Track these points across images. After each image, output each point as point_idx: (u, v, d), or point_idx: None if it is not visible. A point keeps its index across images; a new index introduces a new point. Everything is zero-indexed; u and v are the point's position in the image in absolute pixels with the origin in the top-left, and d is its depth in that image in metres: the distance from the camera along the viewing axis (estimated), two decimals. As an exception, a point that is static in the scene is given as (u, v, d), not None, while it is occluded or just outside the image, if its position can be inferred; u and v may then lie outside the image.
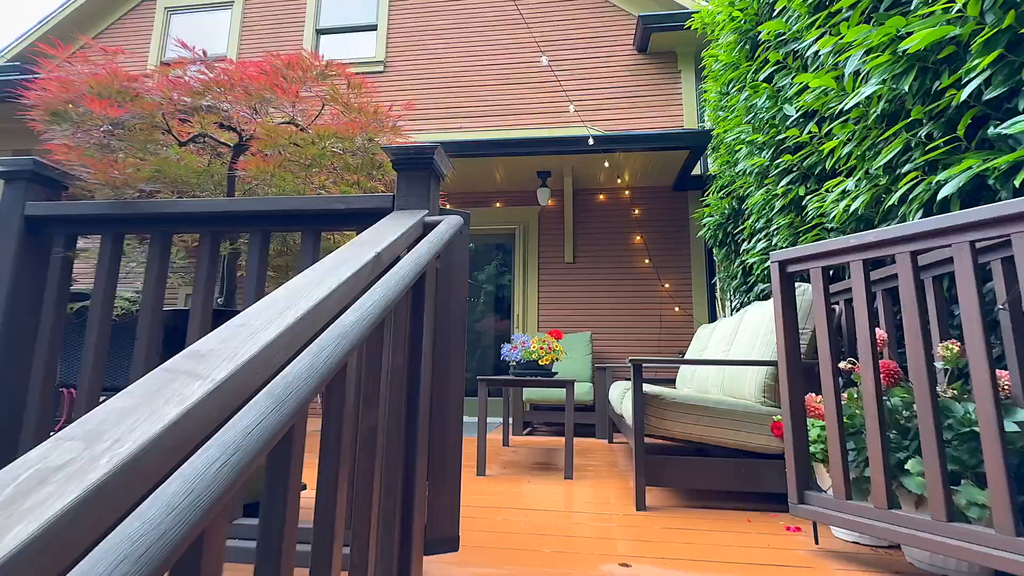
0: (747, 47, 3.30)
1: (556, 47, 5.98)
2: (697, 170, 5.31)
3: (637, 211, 5.50)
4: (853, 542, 1.69)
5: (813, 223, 2.61)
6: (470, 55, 6.15)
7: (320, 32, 6.62)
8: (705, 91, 4.39)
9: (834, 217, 2.28)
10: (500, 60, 6.06)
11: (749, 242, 3.62)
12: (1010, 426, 1.34)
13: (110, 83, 1.52)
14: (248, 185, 1.94)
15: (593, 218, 5.57)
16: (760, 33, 2.92)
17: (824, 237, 2.58)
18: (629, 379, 3.94)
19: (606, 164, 4.93)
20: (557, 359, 3.15)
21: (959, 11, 1.51)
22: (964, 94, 1.49)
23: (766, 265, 3.32)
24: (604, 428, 4.19)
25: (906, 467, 1.44)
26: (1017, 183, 1.39)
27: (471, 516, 1.93)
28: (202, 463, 0.40)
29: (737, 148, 3.49)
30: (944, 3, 1.57)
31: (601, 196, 5.60)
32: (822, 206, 2.40)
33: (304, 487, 1.93)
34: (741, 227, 3.78)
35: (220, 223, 1.34)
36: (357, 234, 1.30)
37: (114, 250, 1.38)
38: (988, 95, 1.49)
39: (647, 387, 2.27)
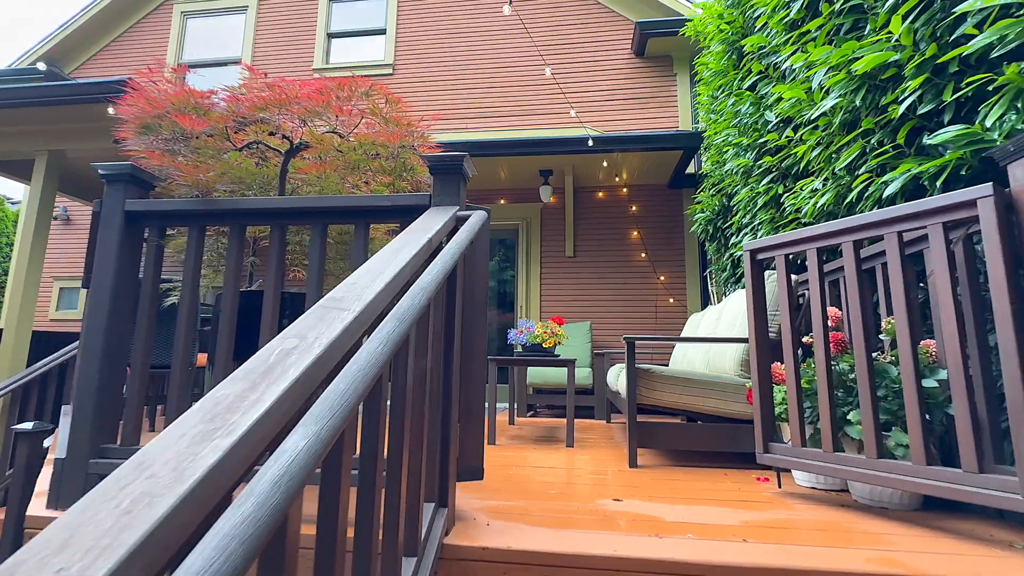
0: (734, 57, 3.60)
1: (558, 51, 6.27)
2: (692, 168, 5.61)
3: (634, 208, 5.79)
4: (810, 487, 2.00)
5: (790, 218, 2.91)
6: (475, 59, 6.43)
7: (331, 36, 6.90)
8: (698, 94, 4.68)
9: (806, 212, 2.58)
10: (504, 63, 6.34)
11: (737, 236, 3.93)
12: (931, 383, 1.64)
13: (186, 101, 1.81)
14: (292, 184, 2.25)
15: (593, 214, 5.87)
16: (744, 45, 3.21)
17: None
18: (642, 363, 4.24)
19: (604, 164, 5.22)
20: (559, 343, 3.46)
21: (897, 40, 1.81)
22: (901, 109, 1.79)
23: (751, 257, 3.61)
24: (603, 410, 4.50)
25: (848, 418, 1.75)
26: (939, 183, 1.70)
27: (466, 490, 2.23)
28: (375, 344, 0.70)
29: (725, 149, 3.79)
30: (887, 32, 1.87)
31: (600, 193, 5.90)
32: (796, 202, 2.70)
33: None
34: (730, 222, 4.08)
35: (287, 217, 1.64)
36: (400, 227, 1.61)
37: (199, 239, 1.68)
38: (922, 110, 1.79)
39: (640, 364, 2.57)
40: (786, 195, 2.91)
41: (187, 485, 0.47)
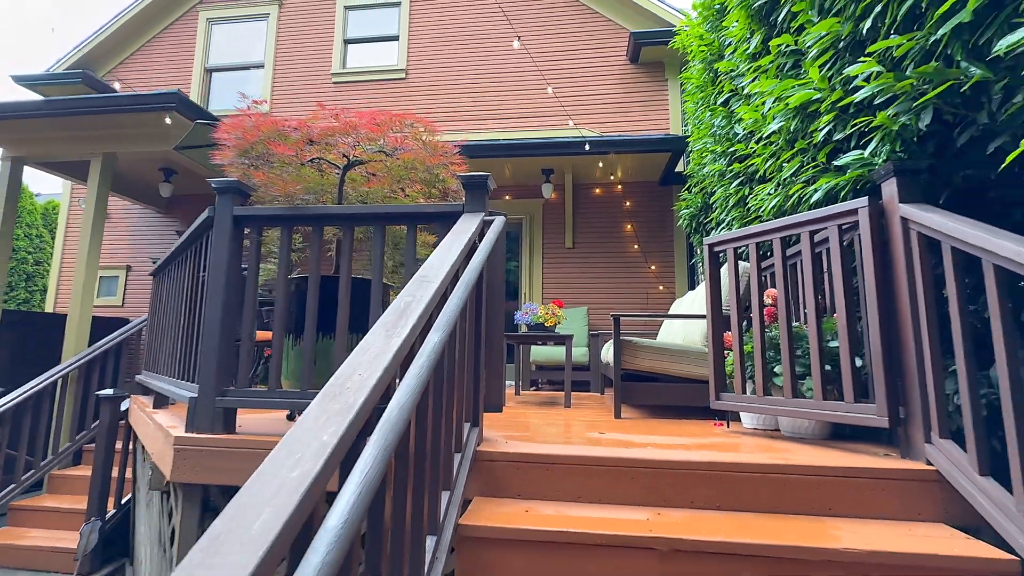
0: (710, 75, 4.13)
1: (559, 57, 6.78)
2: (680, 166, 6.14)
3: (628, 203, 6.34)
4: (752, 427, 2.57)
5: (753, 216, 3.46)
6: (482, 64, 6.94)
7: (347, 42, 7.41)
8: (685, 101, 5.21)
9: (764, 211, 3.13)
10: (509, 69, 6.86)
11: (716, 230, 4.47)
12: (834, 344, 2.21)
13: (274, 130, 2.36)
14: (346, 194, 2.81)
15: (590, 209, 6.42)
16: (719, 68, 3.73)
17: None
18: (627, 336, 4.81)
19: (600, 165, 5.76)
20: (559, 323, 4.02)
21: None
22: (821, 136, 2.34)
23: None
24: (597, 384, 5.09)
25: (775, 371, 2.32)
26: (843, 194, 2.25)
27: (496, 422, 2.81)
28: (454, 304, 1.27)
29: (704, 155, 4.33)
30: (811, 75, 2.40)
31: (597, 190, 6.44)
32: (757, 203, 3.25)
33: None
34: (710, 218, 4.62)
35: (356, 220, 2.20)
36: (441, 228, 2.16)
37: (288, 237, 2.24)
38: (836, 137, 2.34)
39: (624, 337, 3.14)
40: (750, 196, 3.46)
41: (388, 356, 1.04)
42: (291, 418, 2.61)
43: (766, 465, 1.75)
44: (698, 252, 5.40)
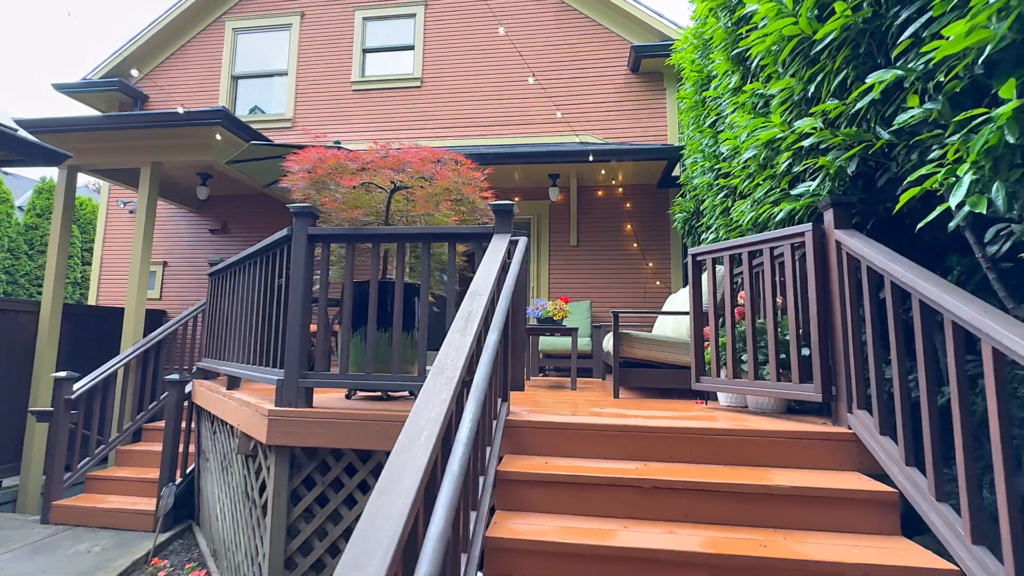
0: (700, 98, 4.64)
1: (565, 67, 7.26)
2: (677, 171, 6.65)
3: (628, 205, 6.87)
4: (726, 405, 3.14)
5: (735, 225, 4.00)
6: (493, 74, 7.43)
7: (366, 51, 7.88)
8: (680, 115, 5.71)
9: (743, 223, 3.67)
10: (518, 77, 7.34)
11: (706, 233, 5.01)
12: (787, 337, 2.76)
13: (337, 163, 2.90)
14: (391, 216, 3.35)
15: (593, 210, 6.95)
16: (706, 95, 4.24)
17: (741, 235, 3.97)
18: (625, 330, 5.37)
19: (603, 172, 6.28)
20: (565, 317, 4.58)
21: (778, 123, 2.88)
22: (782, 168, 2.87)
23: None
24: (599, 370, 5.66)
25: (743, 359, 2.88)
26: (799, 215, 2.79)
27: (517, 399, 3.38)
28: (501, 311, 1.82)
29: (695, 168, 4.85)
30: (774, 119, 2.93)
31: (600, 192, 6.96)
32: (737, 216, 3.78)
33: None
34: (700, 222, 5.16)
35: (406, 239, 2.74)
36: (475, 245, 2.71)
37: (351, 251, 2.79)
38: (795, 169, 2.87)
39: (623, 330, 3.70)
40: (732, 208, 4.00)
41: (465, 349, 1.60)
42: (348, 396, 3.19)
43: (727, 430, 2.32)
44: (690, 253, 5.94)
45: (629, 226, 6.83)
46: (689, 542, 1.81)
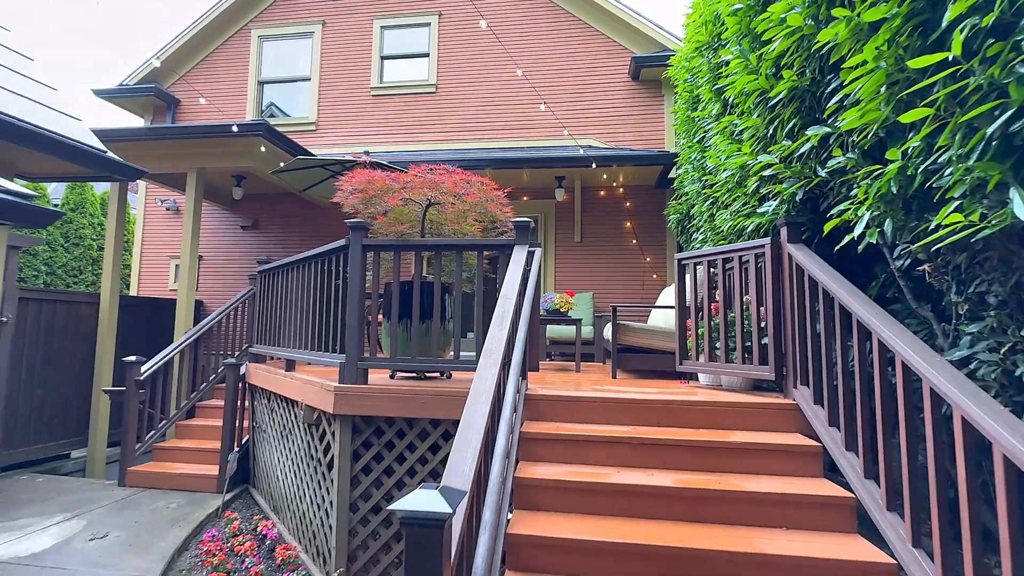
0: (690, 114, 5.22)
1: (571, 74, 7.81)
2: (674, 173, 7.23)
3: (628, 204, 7.47)
4: (705, 384, 3.79)
5: (719, 231, 4.61)
6: (503, 81, 7.98)
7: (384, 58, 8.43)
8: (675, 126, 6.28)
9: (724, 230, 4.29)
10: (527, 84, 7.90)
11: (696, 233, 5.62)
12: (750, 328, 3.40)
13: (384, 184, 3.52)
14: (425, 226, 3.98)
15: (596, 209, 7.55)
16: (695, 114, 4.83)
17: (723, 241, 4.59)
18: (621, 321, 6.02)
19: (604, 177, 6.87)
20: (571, 308, 5.22)
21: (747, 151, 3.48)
22: (751, 188, 3.48)
23: (701, 251, 5.33)
24: (600, 355, 6.32)
25: (716, 345, 3.52)
26: (764, 228, 3.41)
27: (531, 379, 4.03)
28: (526, 310, 2.46)
29: (686, 176, 5.45)
30: (744, 149, 3.53)
31: (602, 192, 7.56)
32: (720, 223, 4.40)
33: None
34: (691, 224, 5.76)
35: (442, 248, 3.38)
36: (500, 253, 3.35)
37: (397, 258, 3.43)
38: (762, 191, 3.48)
39: (621, 321, 4.34)
40: (716, 216, 4.61)
41: (503, 338, 2.25)
42: (391, 376, 3.84)
43: (700, 401, 2.97)
44: (684, 248, 6.54)
45: (629, 224, 7.44)
46: (664, 480, 2.47)
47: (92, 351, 6.30)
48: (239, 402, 5.14)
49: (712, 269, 3.88)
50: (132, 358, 5.23)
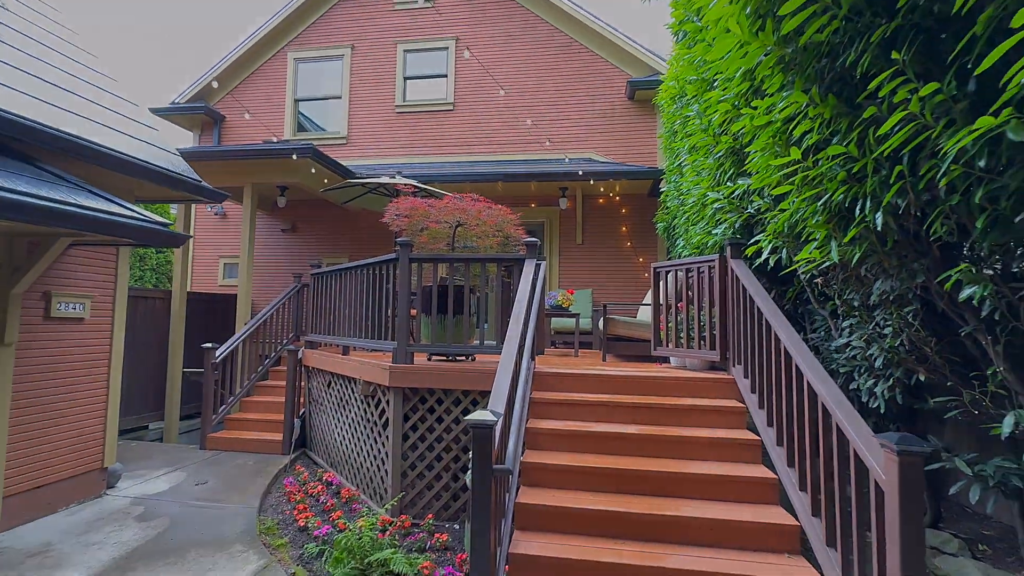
0: (673, 140, 6.20)
1: (573, 95, 8.78)
2: (663, 185, 8.21)
3: (624, 211, 8.47)
4: (676, 367, 4.83)
5: (692, 243, 5.62)
6: (514, 100, 8.96)
7: (407, 78, 9.43)
8: (662, 148, 7.26)
9: (695, 242, 5.30)
10: (535, 103, 8.88)
11: (680, 241, 6.62)
12: (704, 320, 4.43)
13: (424, 209, 4.56)
14: (453, 243, 5.04)
15: (595, 215, 8.56)
16: (675, 140, 5.81)
17: (696, 251, 5.59)
18: (610, 315, 7.05)
19: (602, 188, 7.87)
20: (571, 304, 6.26)
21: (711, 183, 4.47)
22: (708, 215, 4.48)
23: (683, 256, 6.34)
24: (598, 343, 7.38)
25: (681, 335, 4.56)
26: (719, 245, 4.42)
27: (538, 360, 5.09)
28: (534, 311, 3.51)
29: (668, 193, 6.44)
30: (704, 183, 4.52)
31: (601, 200, 8.56)
32: (693, 236, 5.41)
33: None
34: (675, 232, 6.76)
35: (470, 261, 4.41)
36: (514, 264, 4.41)
37: (437, 267, 4.48)
38: (716, 217, 4.47)
39: (610, 316, 5.38)
40: (689, 230, 5.62)
41: (518, 331, 3.31)
42: (428, 359, 4.92)
43: (664, 376, 4.02)
44: (671, 251, 7.55)
45: (624, 228, 8.44)
46: (630, 429, 3.53)
47: (165, 338, 7.43)
48: (296, 382, 6.25)
49: (679, 275, 4.90)
50: (208, 344, 6.34)
